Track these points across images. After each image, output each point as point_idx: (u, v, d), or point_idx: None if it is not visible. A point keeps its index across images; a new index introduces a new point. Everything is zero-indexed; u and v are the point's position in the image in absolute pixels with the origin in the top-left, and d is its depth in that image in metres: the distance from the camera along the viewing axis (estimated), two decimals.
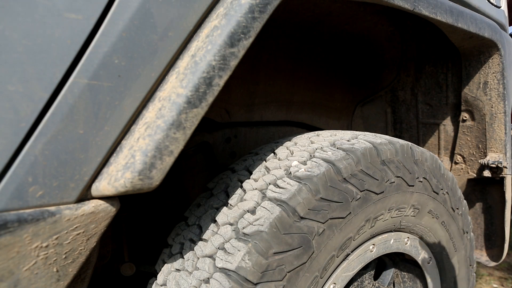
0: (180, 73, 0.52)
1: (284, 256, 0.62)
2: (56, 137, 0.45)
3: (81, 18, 0.45)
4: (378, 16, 1.15)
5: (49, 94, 0.44)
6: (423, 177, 0.87)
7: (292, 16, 1.10)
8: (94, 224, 0.50)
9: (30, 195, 0.44)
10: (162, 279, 0.70)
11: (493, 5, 1.12)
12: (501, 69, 1.08)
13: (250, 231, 0.62)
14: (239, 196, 0.70)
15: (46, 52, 0.43)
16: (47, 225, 0.46)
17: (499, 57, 1.07)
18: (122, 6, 0.47)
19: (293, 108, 1.33)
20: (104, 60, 0.47)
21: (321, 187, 0.68)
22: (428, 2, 0.81)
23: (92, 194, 0.51)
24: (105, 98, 0.47)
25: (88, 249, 0.51)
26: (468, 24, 0.93)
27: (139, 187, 0.49)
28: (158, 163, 0.49)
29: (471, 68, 1.14)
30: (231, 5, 0.53)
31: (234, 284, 0.59)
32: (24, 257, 0.45)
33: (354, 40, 1.29)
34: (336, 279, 0.74)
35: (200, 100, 0.51)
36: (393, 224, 0.84)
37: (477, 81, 1.14)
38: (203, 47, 0.52)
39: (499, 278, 2.35)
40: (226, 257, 0.61)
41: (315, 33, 1.23)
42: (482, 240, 1.38)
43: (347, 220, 0.71)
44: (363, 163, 0.75)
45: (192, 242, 0.70)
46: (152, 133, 0.49)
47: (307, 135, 0.88)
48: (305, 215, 0.65)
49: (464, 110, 1.23)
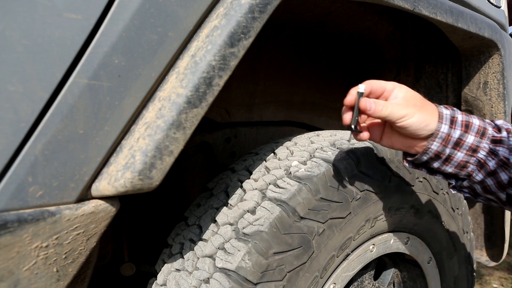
0: (180, 73, 0.52)
1: (284, 256, 0.62)
2: (56, 137, 0.45)
3: (81, 18, 0.45)
4: (378, 16, 1.15)
5: (49, 94, 0.44)
6: (423, 177, 0.87)
7: (292, 16, 1.10)
8: (94, 224, 0.50)
9: (30, 195, 0.44)
10: (162, 279, 0.70)
11: (493, 5, 1.12)
12: (501, 69, 1.08)
13: (250, 231, 0.62)
14: (239, 196, 0.70)
15: (46, 52, 0.43)
16: (47, 225, 0.46)
17: (499, 57, 1.07)
18: (122, 6, 0.47)
19: (293, 108, 1.32)
20: (104, 60, 0.47)
21: (321, 187, 0.68)
22: (428, 2, 0.81)
23: (92, 194, 0.51)
24: (105, 98, 0.47)
25: (88, 249, 0.51)
26: (468, 24, 0.93)
27: (139, 187, 0.49)
28: (158, 163, 0.49)
29: (471, 68, 1.14)
30: (231, 5, 0.53)
31: (234, 284, 0.59)
32: (24, 257, 0.45)
33: (354, 40, 1.29)
34: (336, 279, 0.74)
35: (200, 100, 0.51)
36: (393, 224, 0.84)
37: (477, 81, 1.14)
38: (203, 47, 0.52)
39: (499, 278, 2.35)
40: (226, 257, 0.61)
41: (315, 33, 1.23)
42: (482, 240, 1.38)
43: (347, 220, 0.71)
44: (363, 163, 0.75)
45: (192, 242, 0.70)
46: (152, 133, 0.49)
47: (307, 135, 0.88)
48: (305, 215, 0.65)
49: (464, 110, 1.23)
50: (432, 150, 0.62)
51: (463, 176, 0.65)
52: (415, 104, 0.61)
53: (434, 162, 0.65)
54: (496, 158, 0.60)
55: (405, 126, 0.61)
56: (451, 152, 0.62)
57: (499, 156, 0.60)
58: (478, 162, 0.62)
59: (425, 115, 0.61)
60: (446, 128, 0.61)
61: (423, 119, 0.61)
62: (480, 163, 0.62)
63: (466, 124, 0.62)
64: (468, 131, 0.61)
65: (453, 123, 0.62)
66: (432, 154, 0.63)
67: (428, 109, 0.62)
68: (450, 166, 0.64)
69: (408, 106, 0.61)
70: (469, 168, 0.63)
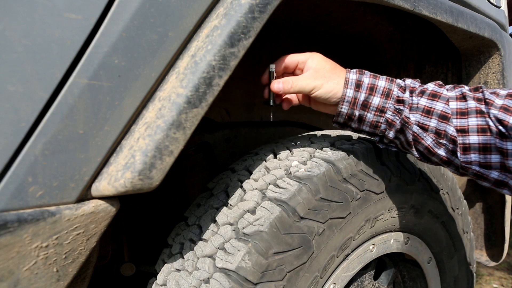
0: (180, 73, 0.52)
1: (284, 256, 0.62)
2: (56, 137, 0.45)
3: (81, 18, 0.45)
4: (378, 16, 1.15)
5: (49, 94, 0.44)
6: (423, 177, 0.87)
7: (292, 16, 1.10)
8: (94, 224, 0.50)
9: (30, 195, 0.44)
10: (162, 279, 0.70)
11: (493, 5, 1.12)
12: (501, 69, 1.08)
13: (250, 231, 0.62)
14: (239, 196, 0.70)
15: (46, 52, 0.43)
16: (47, 225, 0.46)
17: (499, 57, 1.07)
18: (122, 6, 0.47)
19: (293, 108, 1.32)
20: (104, 60, 0.47)
21: (321, 187, 0.68)
22: (428, 2, 0.81)
23: (92, 194, 0.51)
24: (105, 98, 0.47)
25: (88, 249, 0.51)
26: (468, 24, 0.93)
27: (139, 187, 0.49)
28: (158, 163, 0.49)
29: (471, 68, 1.14)
30: (231, 5, 0.53)
31: (234, 284, 0.59)
32: (24, 257, 0.45)
33: (354, 40, 1.29)
34: (336, 279, 0.74)
35: (200, 100, 0.51)
36: (393, 224, 0.84)
37: (477, 81, 1.14)
38: (203, 47, 0.52)
39: (499, 278, 2.35)
40: (226, 257, 0.61)
41: (315, 33, 1.23)
42: (482, 240, 1.38)
43: (347, 220, 0.71)
44: (363, 163, 0.75)
45: (192, 242, 0.70)
46: (152, 133, 0.49)
47: (307, 135, 0.88)
48: (305, 215, 0.65)
49: None
50: (343, 113, 0.68)
51: (379, 134, 0.69)
52: (324, 75, 0.66)
53: (351, 123, 0.70)
54: (400, 117, 0.64)
55: (316, 97, 0.67)
56: (362, 114, 0.67)
57: (401, 116, 0.64)
58: (387, 122, 0.66)
59: (332, 84, 0.65)
60: (352, 92, 0.66)
61: (331, 89, 0.65)
62: (388, 122, 0.66)
63: (371, 87, 0.65)
64: (373, 93, 0.65)
65: (359, 87, 0.66)
66: (345, 116, 0.68)
67: (336, 78, 0.66)
68: (365, 126, 0.68)
69: (317, 78, 0.65)
70: (381, 127, 0.67)
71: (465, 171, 0.60)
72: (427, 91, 0.63)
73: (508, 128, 0.52)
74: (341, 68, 0.69)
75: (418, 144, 0.64)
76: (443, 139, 0.60)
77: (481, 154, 0.56)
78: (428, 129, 0.61)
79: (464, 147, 0.57)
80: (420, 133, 0.62)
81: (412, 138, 0.64)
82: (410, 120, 0.62)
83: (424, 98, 0.62)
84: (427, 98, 0.62)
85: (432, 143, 0.61)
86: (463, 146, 0.57)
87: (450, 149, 0.60)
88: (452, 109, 0.59)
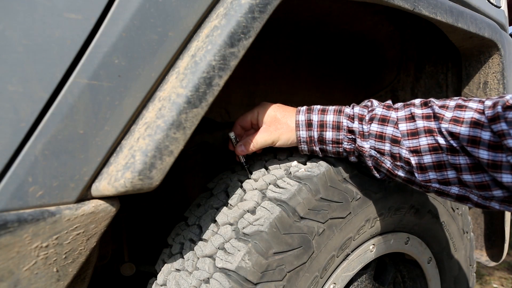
0: (180, 73, 0.52)
1: (284, 256, 0.62)
2: (56, 137, 0.45)
3: (81, 18, 0.45)
4: (378, 16, 1.15)
5: (49, 94, 0.44)
6: None
7: (292, 16, 1.10)
8: (94, 224, 0.50)
9: (30, 195, 0.44)
10: (162, 279, 0.70)
11: (493, 5, 1.12)
12: (501, 69, 1.08)
13: (250, 231, 0.62)
14: (239, 196, 0.70)
15: (46, 52, 0.43)
16: (47, 225, 0.46)
17: (499, 57, 1.07)
18: (122, 6, 0.47)
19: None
20: (104, 60, 0.47)
21: (321, 187, 0.68)
22: (428, 2, 0.81)
23: (92, 194, 0.51)
24: (105, 98, 0.47)
25: (88, 249, 0.51)
26: (468, 24, 0.93)
27: (139, 187, 0.49)
28: (158, 163, 0.49)
29: (471, 68, 1.14)
30: (231, 5, 0.53)
31: (234, 284, 0.59)
32: (24, 257, 0.45)
33: (354, 40, 1.29)
34: (336, 279, 0.74)
35: (200, 100, 0.51)
36: (393, 224, 0.84)
37: (477, 81, 1.14)
38: (203, 47, 0.52)
39: (499, 278, 2.35)
40: (226, 257, 0.61)
41: (315, 33, 1.23)
42: (482, 240, 1.38)
43: (347, 220, 0.71)
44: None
45: (192, 242, 0.70)
46: (152, 133, 0.49)
47: None
48: (305, 215, 0.65)
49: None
50: (305, 150, 0.71)
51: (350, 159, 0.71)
52: (277, 127, 0.70)
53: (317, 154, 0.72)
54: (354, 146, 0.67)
55: (279, 146, 0.71)
56: (321, 147, 0.69)
57: (355, 144, 0.66)
58: (345, 150, 0.68)
59: (287, 133, 0.69)
60: (304, 133, 0.69)
61: (287, 138, 0.69)
62: (347, 151, 0.68)
63: (321, 124, 0.68)
64: (324, 129, 0.68)
65: (311, 125, 0.68)
66: (307, 151, 0.71)
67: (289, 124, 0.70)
68: (330, 154, 0.70)
69: (271, 132, 0.69)
70: (343, 155, 0.70)
71: (427, 189, 0.61)
72: (376, 116, 0.64)
73: (460, 139, 0.53)
74: (291, 110, 0.71)
75: (380, 166, 0.66)
76: (399, 161, 0.62)
77: (437, 171, 0.58)
78: (385, 153, 0.63)
79: (420, 166, 0.59)
80: (379, 157, 0.64)
81: (373, 162, 0.66)
82: (364, 148, 0.64)
83: (375, 124, 0.63)
84: (378, 123, 0.63)
85: (391, 166, 0.63)
86: (419, 166, 0.59)
87: (407, 170, 0.61)
88: (402, 131, 0.60)
